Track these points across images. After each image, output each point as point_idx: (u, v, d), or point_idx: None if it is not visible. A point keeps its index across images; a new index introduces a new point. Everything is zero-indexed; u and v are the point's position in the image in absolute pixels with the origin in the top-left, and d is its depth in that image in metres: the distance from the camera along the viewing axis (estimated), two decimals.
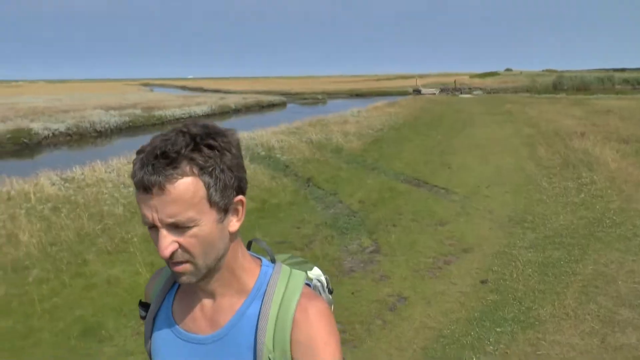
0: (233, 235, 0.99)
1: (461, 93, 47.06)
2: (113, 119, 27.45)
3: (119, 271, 5.46)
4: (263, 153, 12.55)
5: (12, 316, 4.63)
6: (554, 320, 4.23)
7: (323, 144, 14.22)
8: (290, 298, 0.99)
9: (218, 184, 0.91)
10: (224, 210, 0.94)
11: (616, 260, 5.50)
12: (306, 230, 7.03)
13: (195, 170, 0.89)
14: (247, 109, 39.96)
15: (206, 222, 0.91)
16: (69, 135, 24.68)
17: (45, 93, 68.20)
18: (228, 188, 0.93)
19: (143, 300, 1.16)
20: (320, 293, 1.19)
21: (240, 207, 0.98)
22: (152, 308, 1.11)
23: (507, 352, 3.79)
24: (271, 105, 43.88)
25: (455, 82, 53.77)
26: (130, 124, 28.18)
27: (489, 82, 64.72)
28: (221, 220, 0.94)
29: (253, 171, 9.99)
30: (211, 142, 0.91)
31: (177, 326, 1.06)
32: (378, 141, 15.45)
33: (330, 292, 1.26)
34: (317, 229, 7.07)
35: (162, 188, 0.87)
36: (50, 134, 23.81)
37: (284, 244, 6.51)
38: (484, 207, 8.01)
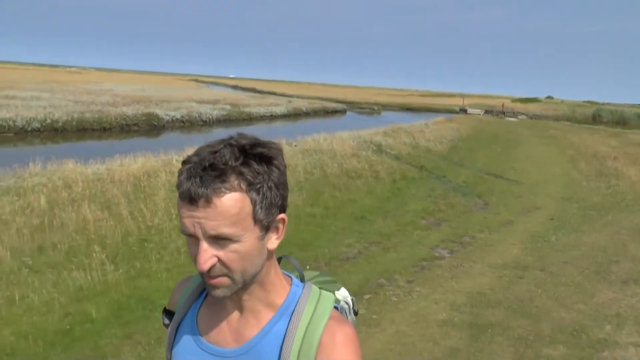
0: (270, 253, 1.00)
1: (505, 116, 51.27)
2: (214, 111, 32.61)
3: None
4: (375, 148, 17.26)
5: (317, 207, 9.35)
6: (589, 231, 8.88)
7: (414, 146, 18.92)
8: (318, 320, 0.99)
9: (264, 201, 0.92)
10: (266, 227, 0.95)
11: (625, 218, 10.09)
12: (439, 192, 11.73)
13: (244, 185, 0.90)
14: (314, 113, 44.94)
15: (248, 238, 0.92)
16: (182, 122, 29.84)
17: (110, 81, 74.35)
18: (273, 206, 0.94)
19: (167, 307, 1.17)
20: (346, 315, 1.20)
21: (281, 225, 0.99)
22: (176, 316, 1.12)
23: (567, 237, 8.43)
24: (334, 112, 48.80)
25: (503, 105, 58.03)
26: (227, 117, 33.31)
27: (531, 107, 68.27)
28: (262, 238, 0.95)
29: (382, 158, 14.75)
30: (260, 156, 0.92)
31: (200, 337, 1.07)
32: (455, 147, 20.15)
33: (356, 313, 1.26)
34: (445, 192, 11.77)
35: (209, 201, 0.88)
36: (170, 119, 28.99)
37: (430, 197, 11.20)
38: (544, 192, 12.60)
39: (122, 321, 4.85)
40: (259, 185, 0.91)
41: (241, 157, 0.90)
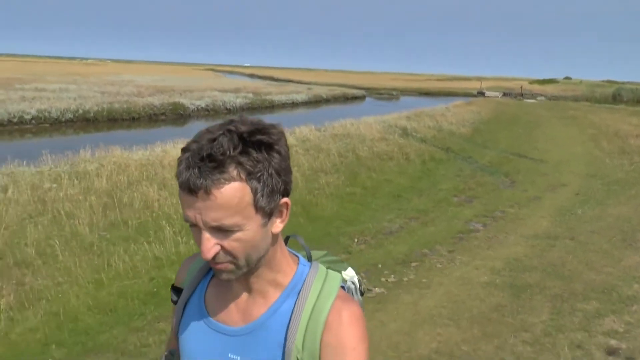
0: (275, 236, 1.00)
1: (524, 98, 51.24)
2: (238, 100, 33.24)
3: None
4: (401, 132, 17.76)
5: (356, 187, 9.91)
6: (614, 204, 9.35)
7: (438, 129, 19.37)
8: (325, 299, 1.00)
9: (265, 189, 0.91)
10: (269, 214, 0.95)
11: None
12: (467, 172, 12.24)
13: (243, 175, 0.89)
14: (334, 99, 45.39)
15: (250, 226, 0.92)
16: (207, 110, 30.50)
17: (129, 72, 75.42)
18: (275, 192, 0.93)
19: (175, 284, 1.17)
20: (352, 295, 1.19)
21: (284, 210, 0.99)
22: (184, 294, 1.13)
23: (593, 210, 8.91)
24: (354, 98, 49.20)
25: (521, 87, 57.98)
26: (250, 105, 33.94)
27: (549, 89, 67.89)
28: (265, 224, 0.95)
29: (409, 141, 15.25)
30: (259, 143, 0.91)
31: (208, 315, 1.08)
32: (477, 130, 20.56)
33: (362, 293, 1.26)
34: (473, 172, 12.27)
35: (208, 192, 0.87)
36: (195, 108, 29.68)
37: (459, 176, 11.71)
38: (568, 169, 13.03)
39: None
40: (259, 174, 0.90)
41: (240, 146, 0.89)
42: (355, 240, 6.97)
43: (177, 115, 28.13)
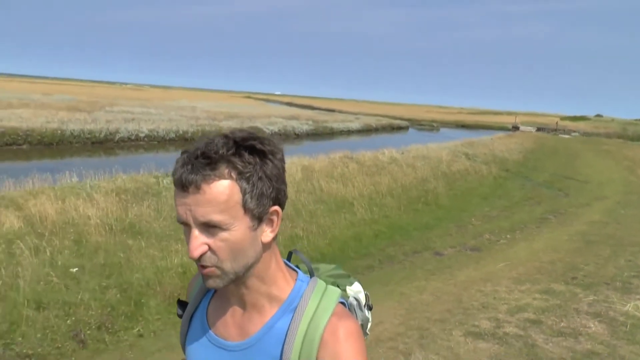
0: (266, 246, 1.01)
1: (558, 133, 54.37)
2: (304, 126, 37.20)
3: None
4: (464, 156, 21.32)
5: (456, 190, 13.48)
6: None
7: (493, 155, 22.88)
8: (320, 316, 1.00)
9: (254, 190, 0.94)
10: (258, 218, 0.97)
11: None
12: (528, 186, 15.74)
13: (234, 174, 0.92)
14: (382, 128, 49.26)
15: (238, 227, 0.94)
16: (280, 135, 34.41)
17: (176, 98, 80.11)
18: (265, 197, 0.95)
19: (182, 298, 1.22)
20: (355, 311, 1.20)
21: (275, 218, 1.00)
22: (189, 308, 1.16)
23: (632, 211, 12.33)
24: (399, 128, 53.05)
25: (557, 123, 61.20)
26: (314, 131, 37.89)
27: (580, 125, 70.64)
28: (254, 228, 0.97)
29: (475, 163, 18.83)
30: (253, 148, 0.94)
31: (209, 329, 1.11)
32: (526, 158, 24.07)
33: (370, 308, 1.26)
34: (533, 187, 15.77)
35: (198, 187, 0.91)
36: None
37: (523, 189, 15.20)
38: (609, 188, 16.44)
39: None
40: (248, 174, 0.93)
41: (233, 148, 0.93)
42: (472, 219, 10.55)
43: None
